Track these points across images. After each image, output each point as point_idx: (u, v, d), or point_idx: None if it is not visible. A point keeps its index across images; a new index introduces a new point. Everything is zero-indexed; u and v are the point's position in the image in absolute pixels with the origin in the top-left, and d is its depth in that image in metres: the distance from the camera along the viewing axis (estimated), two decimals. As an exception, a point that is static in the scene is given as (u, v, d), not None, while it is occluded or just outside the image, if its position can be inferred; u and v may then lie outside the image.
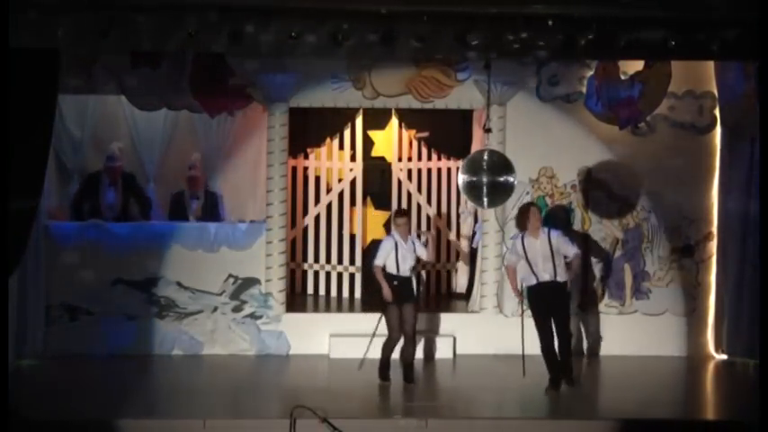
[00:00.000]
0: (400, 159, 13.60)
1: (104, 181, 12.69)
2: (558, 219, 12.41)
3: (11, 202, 9.07)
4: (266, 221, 12.49)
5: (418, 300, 11.50)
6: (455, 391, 11.29)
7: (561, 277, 11.25)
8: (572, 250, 11.34)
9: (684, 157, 12.66)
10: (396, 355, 11.42)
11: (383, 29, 9.63)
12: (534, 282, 11.26)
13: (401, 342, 11.35)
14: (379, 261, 11.33)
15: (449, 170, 13.69)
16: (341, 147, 13.54)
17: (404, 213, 11.73)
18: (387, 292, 11.21)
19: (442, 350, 12.41)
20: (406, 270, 11.31)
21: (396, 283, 11.27)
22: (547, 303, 11.23)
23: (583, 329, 12.62)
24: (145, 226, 12.52)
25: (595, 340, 12.62)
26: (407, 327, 11.29)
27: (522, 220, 11.57)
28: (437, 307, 13.23)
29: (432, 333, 12.50)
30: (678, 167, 12.66)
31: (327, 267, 13.64)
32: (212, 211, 12.92)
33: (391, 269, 11.30)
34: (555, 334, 11.23)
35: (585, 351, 12.60)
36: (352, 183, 13.57)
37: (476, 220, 13.20)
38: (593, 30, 9.70)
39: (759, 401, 8.68)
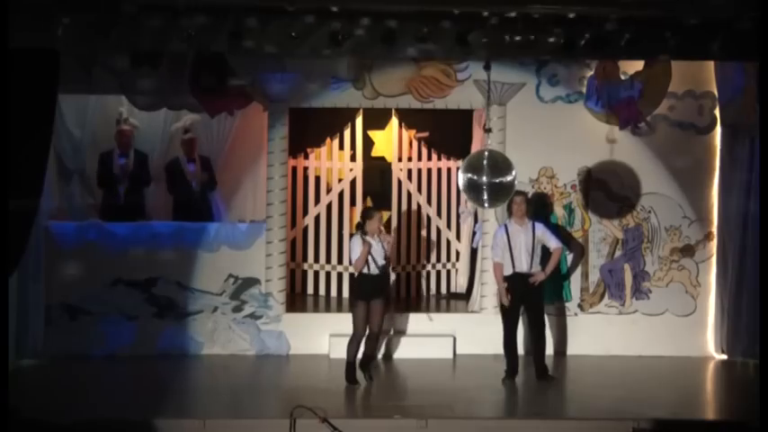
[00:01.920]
0: (400, 159, 13.60)
1: (116, 151, 12.75)
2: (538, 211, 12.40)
3: (11, 202, 9.06)
4: (266, 221, 12.49)
5: (389, 297, 11.51)
6: (455, 391, 11.29)
7: (536, 269, 11.42)
8: (554, 243, 11.49)
9: (684, 157, 12.67)
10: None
11: (383, 29, 9.63)
12: (510, 272, 11.35)
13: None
14: (358, 262, 11.26)
15: (449, 170, 13.69)
16: (341, 147, 13.54)
17: (373, 212, 11.59)
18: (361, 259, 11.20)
19: (442, 350, 12.41)
20: (376, 268, 11.27)
21: (364, 281, 11.28)
22: (519, 295, 11.34)
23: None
24: (145, 226, 12.52)
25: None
26: (374, 324, 11.30)
27: (510, 207, 11.58)
28: (437, 307, 13.27)
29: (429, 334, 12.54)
30: (678, 167, 12.66)
31: (327, 267, 13.65)
32: (209, 174, 12.95)
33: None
34: (528, 326, 11.57)
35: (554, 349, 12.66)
36: (352, 183, 13.57)
37: (476, 220, 13.19)
38: (593, 30, 9.70)
39: (759, 401, 8.67)
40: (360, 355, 11.37)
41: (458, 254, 13.80)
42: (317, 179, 13.66)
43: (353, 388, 11.14)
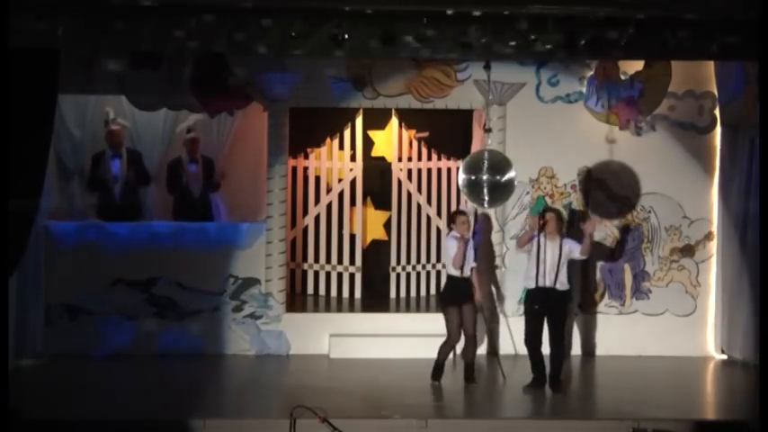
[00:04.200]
0: (400, 159, 13.60)
1: (108, 153, 12.72)
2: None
3: (11, 202, 9.07)
4: (266, 221, 12.50)
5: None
6: (455, 391, 11.29)
7: (562, 286, 11.19)
8: (576, 251, 11.22)
9: (684, 157, 12.67)
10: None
11: (383, 29, 9.63)
12: (533, 285, 11.22)
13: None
14: (453, 266, 11.27)
15: (449, 170, 13.69)
16: (341, 147, 13.54)
17: (464, 212, 11.54)
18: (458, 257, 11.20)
19: (442, 350, 12.41)
20: (467, 270, 11.27)
21: (455, 284, 11.24)
22: (542, 308, 11.18)
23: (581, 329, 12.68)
24: (145, 226, 12.53)
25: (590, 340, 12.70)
26: (468, 326, 11.26)
27: (542, 224, 11.27)
28: (437, 307, 13.26)
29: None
30: (678, 167, 12.66)
31: (327, 267, 13.65)
32: (208, 175, 12.92)
33: (453, 270, 11.24)
34: (549, 339, 11.21)
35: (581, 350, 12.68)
36: (352, 183, 13.57)
37: (476, 220, 13.18)
38: (593, 30, 9.70)
39: (759, 401, 8.68)
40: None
41: (458, 254, 13.79)
42: (317, 179, 13.66)
43: (435, 385, 11.27)
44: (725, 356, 12.62)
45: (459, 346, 11.44)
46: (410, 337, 12.45)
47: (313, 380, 11.52)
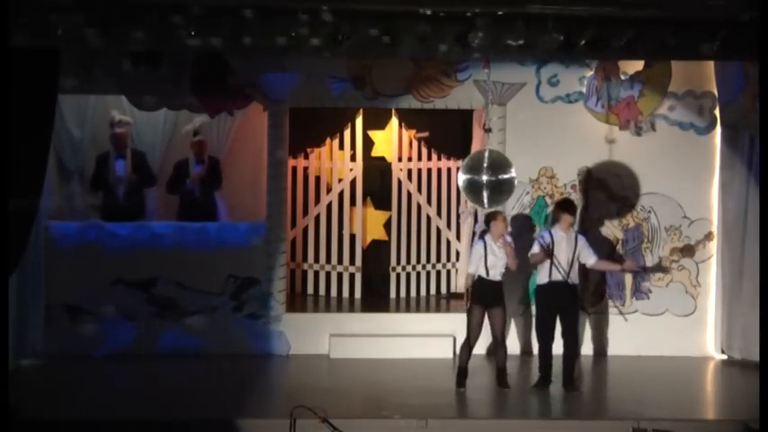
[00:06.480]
0: (400, 159, 13.60)
1: (112, 154, 12.72)
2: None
3: (11, 202, 9.06)
4: (266, 221, 12.50)
5: (505, 304, 11.30)
6: (455, 391, 11.28)
7: (573, 280, 11.19)
8: (591, 259, 11.26)
9: (684, 157, 12.66)
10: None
11: (383, 29, 9.64)
12: (546, 280, 11.19)
13: (465, 347, 11.27)
14: (471, 269, 11.14)
15: (449, 170, 13.70)
16: (341, 147, 13.55)
17: (498, 213, 11.29)
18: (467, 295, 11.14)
19: (442, 350, 12.41)
20: (496, 275, 11.10)
21: (483, 286, 11.09)
22: (555, 304, 11.18)
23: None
24: (145, 226, 12.53)
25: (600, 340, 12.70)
26: (497, 331, 11.16)
27: (556, 215, 11.39)
28: (437, 307, 13.28)
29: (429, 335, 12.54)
30: (678, 167, 12.66)
31: (327, 267, 13.65)
32: (213, 176, 12.91)
33: (480, 272, 11.10)
34: (561, 335, 11.20)
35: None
36: (352, 183, 13.58)
37: (476, 220, 13.18)
38: (593, 30, 9.70)
39: (759, 401, 8.68)
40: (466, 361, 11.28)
41: (458, 254, 13.81)
42: (317, 179, 13.66)
43: (460, 391, 11.17)
44: (725, 356, 12.61)
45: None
46: (410, 337, 12.46)
47: (313, 380, 11.52)
